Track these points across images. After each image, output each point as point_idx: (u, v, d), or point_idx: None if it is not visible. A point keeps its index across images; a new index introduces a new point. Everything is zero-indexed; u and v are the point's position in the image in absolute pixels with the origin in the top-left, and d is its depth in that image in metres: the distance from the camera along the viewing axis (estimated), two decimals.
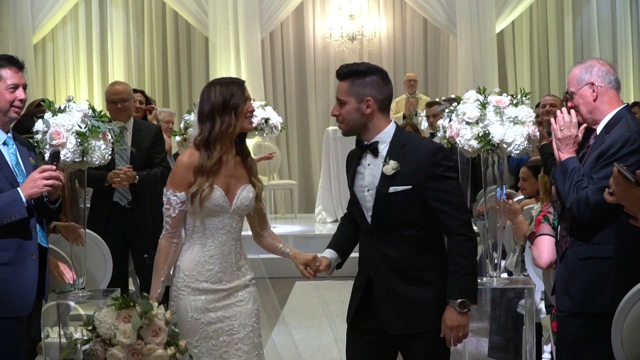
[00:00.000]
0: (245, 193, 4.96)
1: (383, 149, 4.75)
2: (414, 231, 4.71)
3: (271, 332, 6.75)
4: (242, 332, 4.96)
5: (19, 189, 4.98)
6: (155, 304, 4.68)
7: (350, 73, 4.76)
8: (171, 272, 5.01)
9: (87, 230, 6.92)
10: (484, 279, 5.91)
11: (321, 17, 18.65)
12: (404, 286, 4.71)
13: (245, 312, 5.00)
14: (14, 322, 5.00)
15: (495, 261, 5.94)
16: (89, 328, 4.62)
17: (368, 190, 4.78)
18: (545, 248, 5.71)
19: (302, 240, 12.94)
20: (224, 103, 4.84)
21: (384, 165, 4.69)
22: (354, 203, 4.91)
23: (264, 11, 17.23)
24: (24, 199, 4.95)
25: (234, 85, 4.93)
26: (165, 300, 4.95)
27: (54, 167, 5.05)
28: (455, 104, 5.84)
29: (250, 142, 14.91)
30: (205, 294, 4.91)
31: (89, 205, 8.03)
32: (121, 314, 4.56)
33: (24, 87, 5.18)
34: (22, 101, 5.16)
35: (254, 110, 5.02)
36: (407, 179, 4.65)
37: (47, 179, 4.99)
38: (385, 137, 4.76)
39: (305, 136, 18.67)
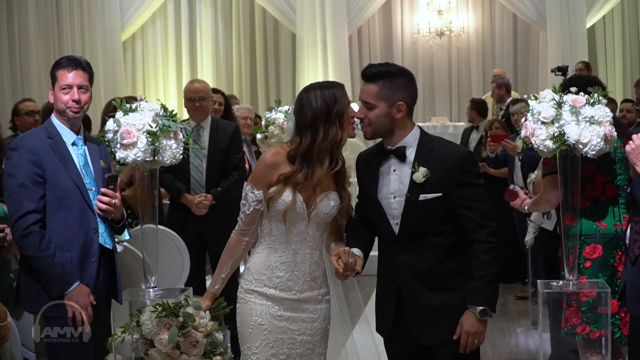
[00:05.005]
0: (325, 201, 4.66)
1: (410, 153, 4.59)
2: (442, 239, 4.58)
3: (352, 330, 6.65)
4: (302, 348, 4.71)
5: (75, 286, 5.06)
6: (201, 312, 4.65)
7: (379, 75, 4.55)
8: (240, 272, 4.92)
9: (165, 228, 6.99)
10: (560, 282, 5.78)
11: (409, 12, 18.60)
12: (430, 294, 4.59)
13: (311, 330, 4.74)
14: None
15: (572, 264, 5.80)
16: (135, 322, 4.68)
17: (395, 197, 4.60)
18: None
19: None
20: (328, 110, 4.52)
21: (413, 172, 4.54)
22: (376, 211, 4.69)
23: (352, 7, 17.24)
24: (66, 292, 5.04)
25: (336, 89, 4.60)
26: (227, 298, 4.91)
27: (110, 190, 5.17)
28: (533, 103, 5.69)
29: None
30: (272, 301, 4.66)
31: (166, 202, 8.11)
32: (162, 321, 4.57)
33: (80, 87, 5.18)
34: (78, 101, 5.16)
35: (354, 116, 4.69)
36: (437, 186, 4.51)
37: (100, 201, 5.15)
38: (411, 141, 4.61)
39: None
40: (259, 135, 10.30)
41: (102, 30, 17.21)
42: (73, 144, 5.23)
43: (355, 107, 4.88)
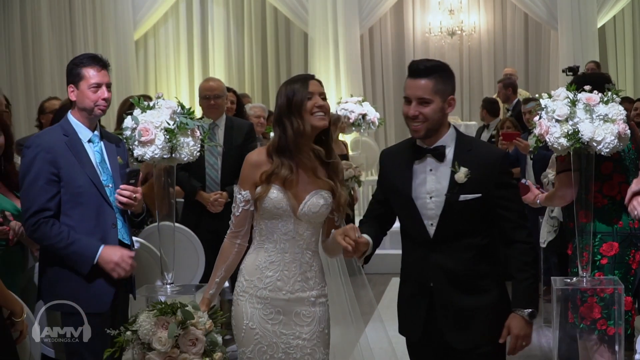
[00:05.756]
0: (314, 199, 4.55)
1: (448, 153, 4.51)
2: (477, 239, 4.50)
3: (365, 328, 6.65)
4: (299, 353, 4.58)
5: (101, 250, 5.12)
6: (199, 312, 4.57)
7: (433, 69, 4.46)
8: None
9: (181, 225, 7.01)
10: (574, 279, 5.80)
11: (420, 12, 18.64)
12: (463, 296, 4.50)
13: (306, 334, 4.60)
14: (94, 318, 5.10)
15: (586, 259, 5.82)
16: (132, 329, 4.54)
17: (431, 198, 4.50)
18: None
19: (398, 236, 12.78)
20: (288, 103, 4.48)
21: (453, 172, 4.44)
22: (408, 211, 4.58)
23: (363, 7, 17.25)
24: (95, 260, 5.09)
25: (297, 82, 4.53)
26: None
27: (131, 186, 5.25)
28: (547, 101, 5.72)
29: (348, 138, 14.91)
30: (263, 303, 4.57)
31: (179, 200, 8.13)
32: (160, 320, 4.47)
33: (108, 86, 5.26)
34: (106, 100, 5.23)
35: (323, 106, 4.53)
36: (477, 187, 4.43)
37: (120, 195, 5.21)
38: (449, 140, 4.53)
39: (403, 131, 18.53)
40: (272, 134, 10.35)
41: (115, 29, 17.25)
42: (89, 141, 5.27)
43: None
